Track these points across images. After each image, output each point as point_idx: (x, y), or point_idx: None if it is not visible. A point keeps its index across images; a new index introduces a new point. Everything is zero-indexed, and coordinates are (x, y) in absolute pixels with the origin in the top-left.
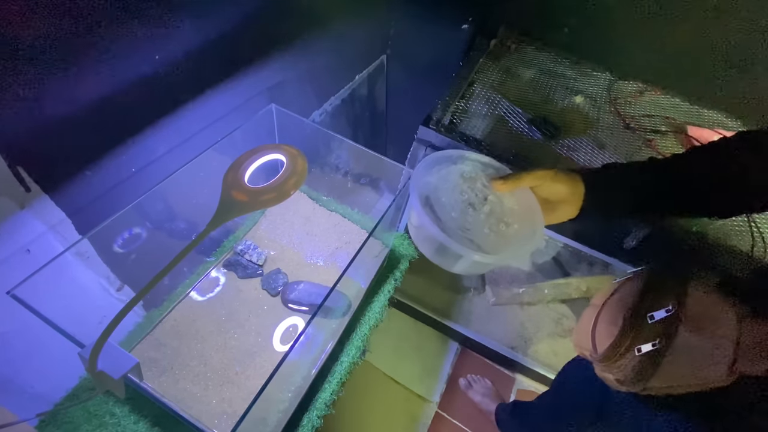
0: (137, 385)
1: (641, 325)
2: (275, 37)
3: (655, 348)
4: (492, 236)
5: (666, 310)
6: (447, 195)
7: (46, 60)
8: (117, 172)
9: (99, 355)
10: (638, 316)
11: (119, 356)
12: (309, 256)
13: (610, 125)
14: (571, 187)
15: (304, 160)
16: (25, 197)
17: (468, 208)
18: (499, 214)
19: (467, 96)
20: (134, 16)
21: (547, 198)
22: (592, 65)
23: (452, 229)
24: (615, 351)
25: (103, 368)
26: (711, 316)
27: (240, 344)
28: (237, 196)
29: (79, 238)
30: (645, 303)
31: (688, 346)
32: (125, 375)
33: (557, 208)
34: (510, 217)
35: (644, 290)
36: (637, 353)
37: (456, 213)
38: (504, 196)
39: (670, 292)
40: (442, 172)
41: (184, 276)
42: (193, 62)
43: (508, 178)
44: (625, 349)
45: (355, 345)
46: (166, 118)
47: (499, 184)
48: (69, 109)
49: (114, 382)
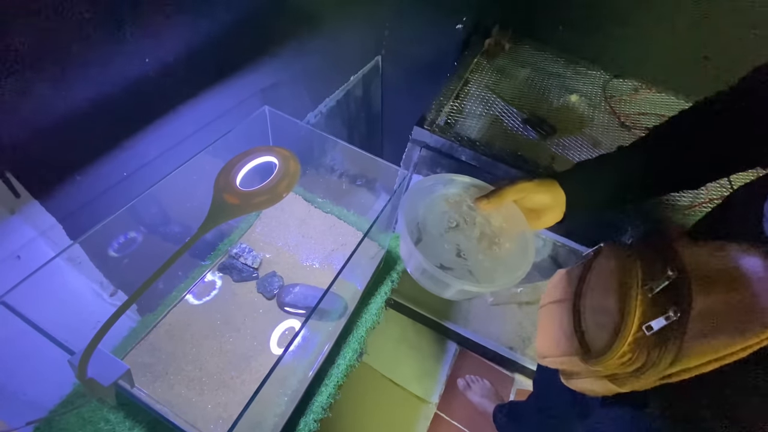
0: (129, 393)
1: (643, 300)
2: (268, 39)
3: (671, 321)
4: (486, 261)
5: (666, 277)
6: (435, 224)
7: (35, 65)
8: (108, 176)
9: (89, 362)
10: (633, 289)
11: (109, 363)
12: (305, 258)
13: (605, 123)
14: (552, 193)
15: (296, 162)
16: (14, 203)
17: (459, 236)
18: (489, 235)
19: (462, 96)
20: (124, 19)
21: (531, 208)
22: (587, 64)
23: (449, 260)
24: (615, 339)
25: (93, 375)
26: (729, 265)
27: (236, 348)
28: (229, 199)
29: (70, 243)
30: (634, 275)
31: (712, 309)
32: (116, 382)
33: (543, 215)
34: (500, 236)
35: (628, 261)
36: (647, 332)
37: (449, 244)
38: (491, 215)
39: (660, 257)
40: (427, 200)
41: (179, 280)
42: (185, 64)
43: (491, 196)
44: (630, 332)
45: (351, 347)
46: (157, 122)
47: (483, 203)
48: (58, 113)
49: (104, 390)
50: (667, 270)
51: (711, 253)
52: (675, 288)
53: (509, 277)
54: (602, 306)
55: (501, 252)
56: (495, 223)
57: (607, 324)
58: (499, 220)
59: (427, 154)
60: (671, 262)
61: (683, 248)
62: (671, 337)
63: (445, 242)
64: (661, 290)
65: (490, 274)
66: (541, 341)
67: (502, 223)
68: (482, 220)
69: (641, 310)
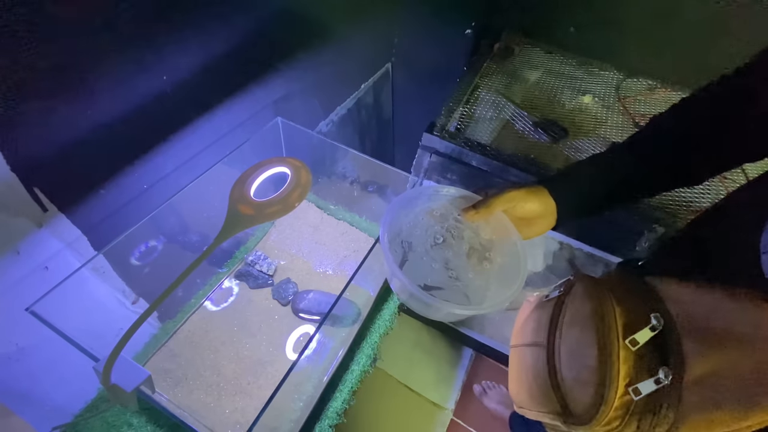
0: (149, 398)
1: (627, 356)
2: (280, 51)
3: (663, 384)
4: (478, 279)
5: (651, 327)
6: (420, 241)
7: (59, 85)
8: (129, 189)
9: (112, 368)
10: (614, 343)
11: (131, 369)
12: (318, 265)
13: (619, 124)
14: (542, 201)
15: (307, 171)
16: (42, 217)
17: (447, 252)
18: (479, 250)
19: (472, 101)
20: (143, 39)
21: (522, 216)
22: (599, 64)
23: (437, 279)
24: (600, 403)
25: (117, 381)
26: (727, 317)
27: (252, 354)
28: (243, 209)
29: (94, 254)
30: (613, 324)
31: (715, 371)
32: (137, 388)
33: (534, 224)
34: (491, 250)
35: (605, 305)
36: (635, 396)
37: (437, 263)
38: (479, 227)
39: (641, 300)
40: (411, 216)
41: (198, 287)
42: (200, 80)
43: (479, 206)
44: (615, 395)
45: (365, 353)
46: (175, 136)
47: (471, 214)
48: (82, 131)
49: (127, 395)
50: (650, 318)
51: (700, 299)
52: (662, 341)
53: (501, 296)
54: (580, 359)
55: (493, 267)
56: (484, 236)
57: (587, 381)
58: (489, 232)
59: (437, 160)
60: (653, 307)
61: (665, 288)
62: (664, 403)
63: (432, 260)
64: (646, 343)
65: (483, 292)
66: (515, 389)
67: (491, 235)
68: (471, 233)
69: (626, 369)
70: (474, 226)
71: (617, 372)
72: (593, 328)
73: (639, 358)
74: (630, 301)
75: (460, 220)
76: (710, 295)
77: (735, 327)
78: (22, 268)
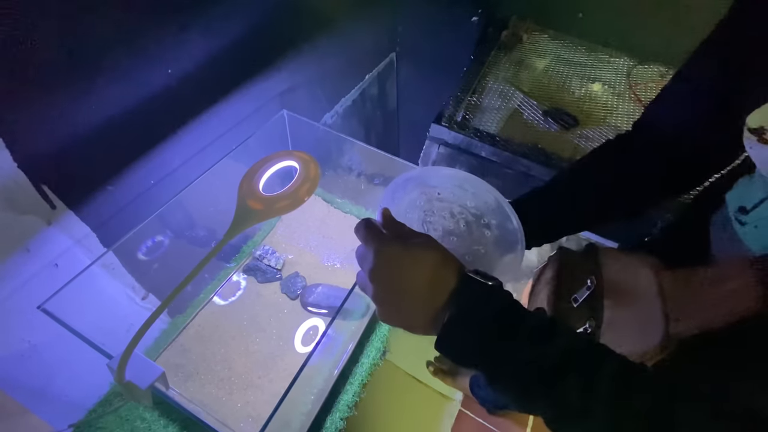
0: (164, 394)
1: (568, 311)
2: (283, 43)
3: (587, 333)
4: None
5: (587, 287)
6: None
7: (65, 82)
8: (137, 185)
9: (126, 365)
10: (561, 300)
11: (145, 366)
12: (326, 258)
13: (630, 112)
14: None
15: (316, 165)
16: (51, 214)
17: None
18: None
19: (480, 90)
20: (147, 35)
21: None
22: (609, 51)
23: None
24: None
25: (131, 378)
26: (629, 279)
27: (262, 348)
28: (252, 204)
29: (104, 250)
30: (563, 286)
31: (617, 320)
32: (152, 385)
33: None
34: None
35: (558, 273)
36: None
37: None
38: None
39: (585, 266)
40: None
41: (206, 282)
42: (205, 74)
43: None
44: None
45: (374, 346)
46: (181, 130)
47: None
48: (89, 127)
49: (141, 392)
50: (587, 280)
51: (625, 265)
52: (593, 299)
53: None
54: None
55: (493, 232)
56: (471, 204)
57: None
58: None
59: (445, 151)
60: (593, 272)
61: (606, 258)
62: None
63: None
64: (583, 301)
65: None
66: None
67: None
68: (458, 207)
69: (566, 321)
70: (456, 198)
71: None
72: (551, 289)
73: (577, 310)
74: (577, 269)
75: (442, 198)
76: (626, 260)
77: (635, 286)
78: (32, 266)
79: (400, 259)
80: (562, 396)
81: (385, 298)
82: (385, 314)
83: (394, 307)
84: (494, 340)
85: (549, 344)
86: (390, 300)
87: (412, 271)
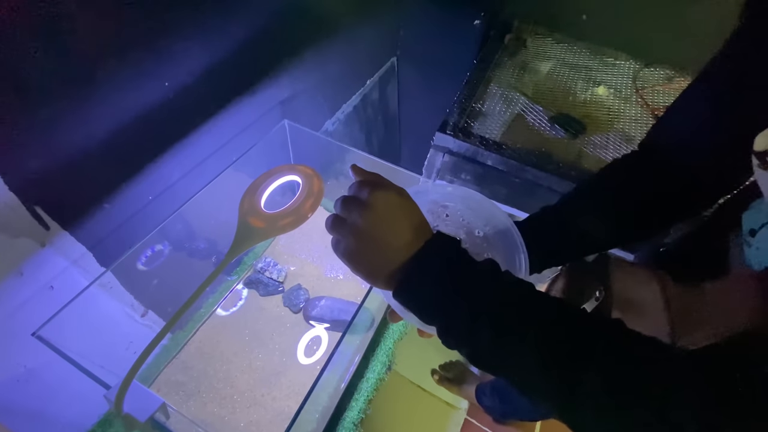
0: (164, 424)
1: None
2: (283, 51)
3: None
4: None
5: (595, 298)
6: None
7: (56, 99)
8: (134, 201)
9: (124, 397)
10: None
11: (144, 397)
12: (329, 270)
13: (636, 117)
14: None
15: (319, 179)
16: (45, 235)
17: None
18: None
19: (484, 96)
20: (143, 48)
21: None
22: (614, 53)
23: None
24: None
25: (130, 410)
26: (636, 291)
27: (265, 365)
28: (254, 222)
29: (101, 270)
30: (574, 296)
31: None
32: (151, 417)
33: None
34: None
35: (569, 283)
36: None
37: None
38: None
39: (595, 278)
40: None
41: (207, 296)
42: (203, 85)
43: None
44: None
45: (380, 360)
46: (179, 143)
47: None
48: (82, 144)
49: (141, 425)
50: (596, 291)
51: (633, 277)
52: (601, 310)
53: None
54: None
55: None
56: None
57: None
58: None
59: (450, 159)
60: (601, 284)
61: (616, 270)
62: None
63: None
64: (592, 311)
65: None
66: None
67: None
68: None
69: None
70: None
71: None
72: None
73: None
74: (586, 280)
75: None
76: (635, 273)
77: (643, 298)
78: (26, 290)
79: (389, 208)
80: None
81: (360, 237)
82: (351, 255)
83: (364, 248)
84: (448, 291)
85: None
86: (363, 241)
87: (395, 222)
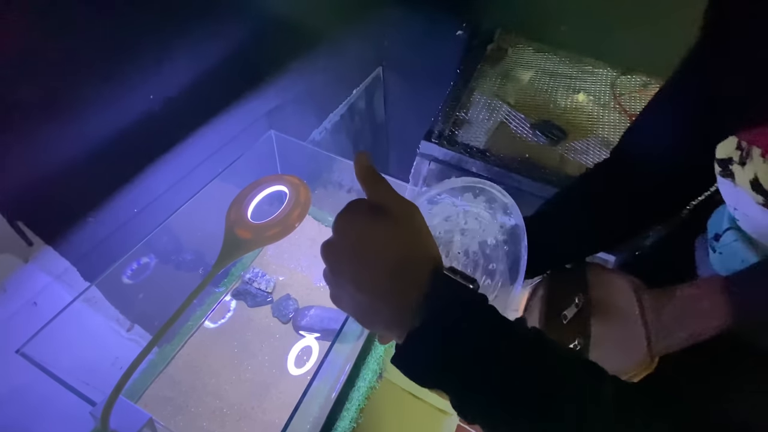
0: None
1: (559, 327)
2: (268, 62)
3: (577, 348)
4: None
5: (575, 305)
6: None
7: (37, 111)
8: (119, 214)
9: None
10: (552, 317)
11: (131, 413)
12: (318, 279)
13: (615, 123)
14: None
15: (306, 189)
16: (28, 251)
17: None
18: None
19: (467, 105)
20: (127, 61)
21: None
22: (592, 62)
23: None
24: None
25: (116, 427)
26: (613, 298)
27: (254, 377)
28: (241, 233)
29: (85, 284)
30: (555, 303)
31: (603, 338)
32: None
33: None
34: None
35: (550, 290)
36: None
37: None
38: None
39: (574, 284)
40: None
41: (194, 308)
42: (189, 96)
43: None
44: None
45: (371, 368)
46: (165, 155)
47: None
48: (65, 158)
49: None
50: (575, 297)
51: (609, 283)
52: (582, 316)
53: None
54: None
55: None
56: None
57: None
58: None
59: (436, 167)
60: (581, 290)
61: (593, 276)
62: None
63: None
64: (572, 318)
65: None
66: None
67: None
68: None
69: (556, 336)
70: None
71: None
72: (542, 307)
73: (567, 327)
74: (567, 286)
75: (466, 231)
76: (610, 279)
77: (619, 305)
78: (9, 307)
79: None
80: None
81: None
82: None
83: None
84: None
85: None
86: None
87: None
